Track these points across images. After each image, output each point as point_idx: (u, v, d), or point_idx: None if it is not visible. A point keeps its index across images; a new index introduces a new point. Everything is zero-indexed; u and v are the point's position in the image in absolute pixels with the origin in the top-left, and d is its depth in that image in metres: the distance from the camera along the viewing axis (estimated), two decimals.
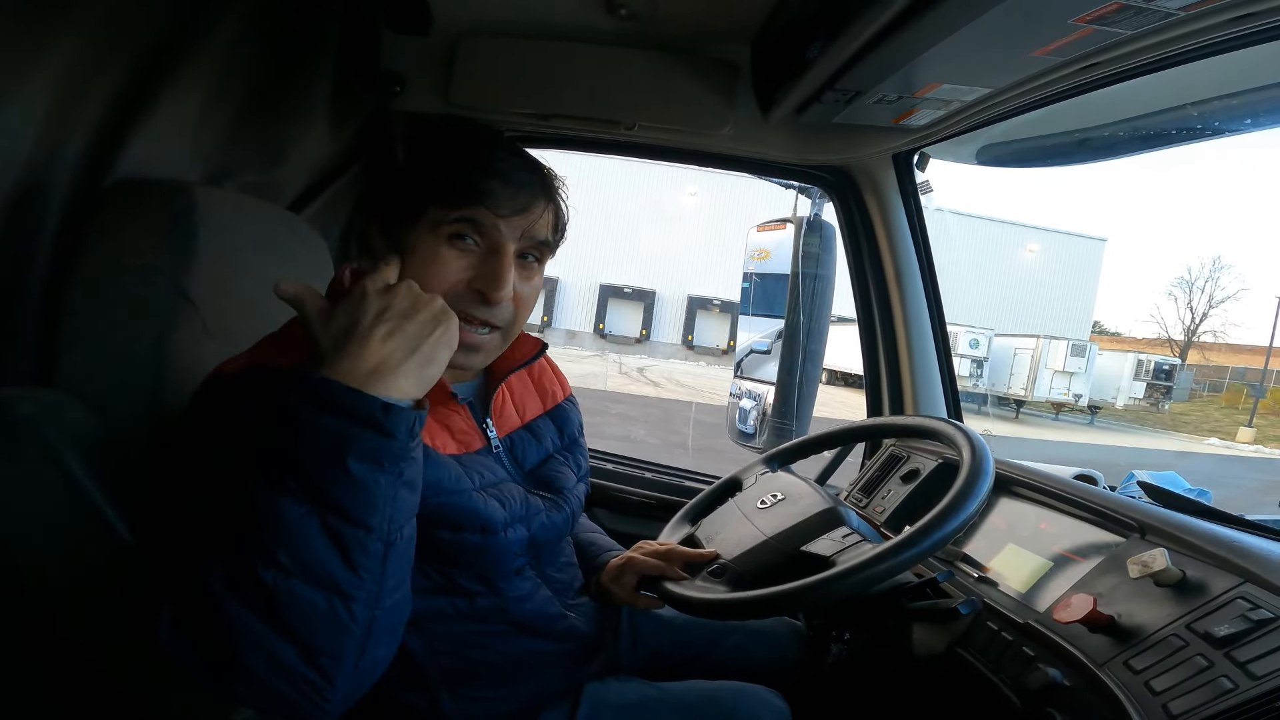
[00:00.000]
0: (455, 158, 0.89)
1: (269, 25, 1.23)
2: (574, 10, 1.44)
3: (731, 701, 1.06)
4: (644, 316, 27.59)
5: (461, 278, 0.87)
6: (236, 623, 0.64)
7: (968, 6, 0.90)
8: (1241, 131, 1.32)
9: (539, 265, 0.94)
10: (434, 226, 0.86)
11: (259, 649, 0.64)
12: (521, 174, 0.89)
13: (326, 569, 0.66)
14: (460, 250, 0.87)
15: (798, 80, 1.29)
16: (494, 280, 0.86)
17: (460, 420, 0.96)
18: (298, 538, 0.65)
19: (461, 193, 0.86)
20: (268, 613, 0.64)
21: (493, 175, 0.87)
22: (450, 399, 0.95)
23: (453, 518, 0.87)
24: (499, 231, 0.87)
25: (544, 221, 0.91)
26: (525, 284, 0.92)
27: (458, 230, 0.86)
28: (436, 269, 0.86)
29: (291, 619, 0.65)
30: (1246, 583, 0.82)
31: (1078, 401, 21.02)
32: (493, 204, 0.86)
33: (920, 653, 1.09)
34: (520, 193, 0.88)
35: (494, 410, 1.03)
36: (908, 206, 1.74)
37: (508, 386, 1.07)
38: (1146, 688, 0.78)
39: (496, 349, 0.93)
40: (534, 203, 0.89)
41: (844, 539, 1.01)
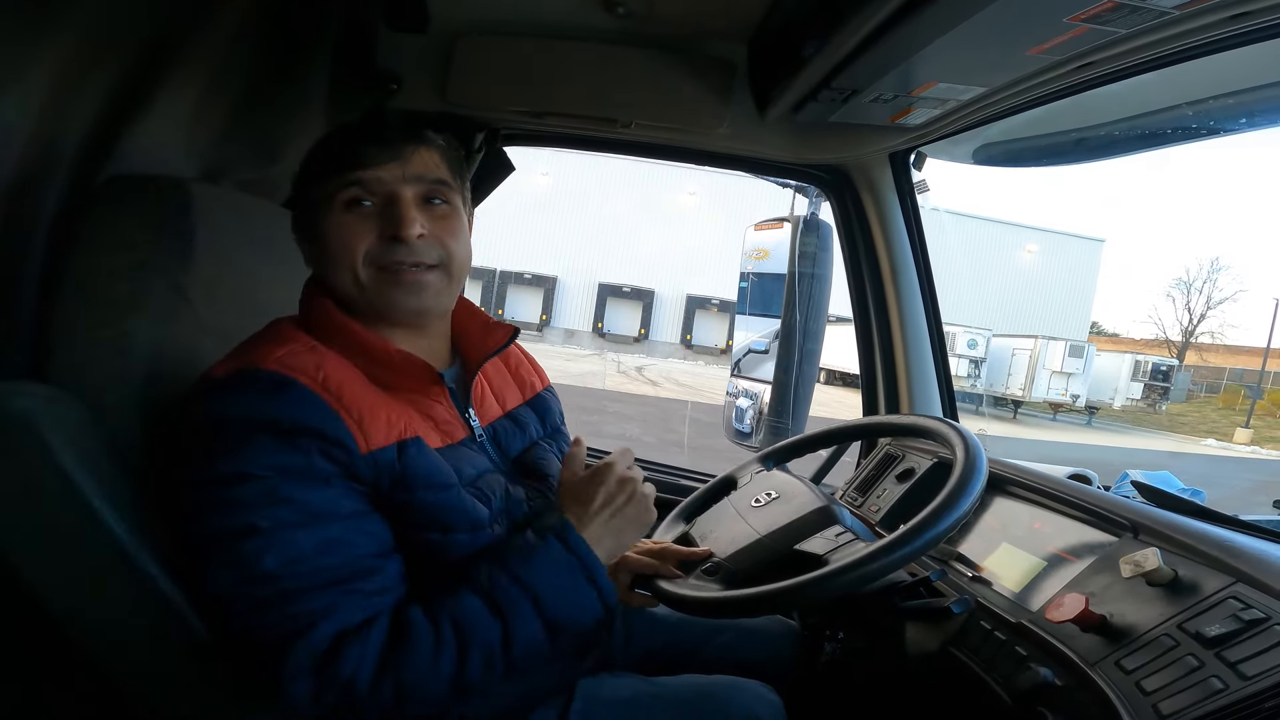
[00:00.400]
0: (328, 138, 0.95)
1: (266, 22, 1.23)
2: (571, 9, 1.44)
3: (725, 696, 1.06)
4: (643, 316, 27.58)
5: (372, 235, 0.90)
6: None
7: (963, 5, 0.90)
8: (1237, 131, 1.32)
9: (449, 208, 0.96)
10: (327, 203, 0.91)
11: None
12: (384, 129, 0.93)
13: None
14: (359, 213, 0.91)
15: (794, 79, 1.29)
16: (396, 221, 0.90)
17: (443, 410, 0.96)
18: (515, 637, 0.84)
19: (334, 161, 0.91)
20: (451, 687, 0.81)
21: (357, 139, 0.92)
22: (436, 381, 0.95)
23: (442, 517, 0.88)
24: (384, 182, 0.91)
25: (423, 161, 0.93)
26: (441, 226, 0.94)
27: (347, 197, 0.90)
28: (344, 237, 0.90)
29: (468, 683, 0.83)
30: (1238, 583, 0.82)
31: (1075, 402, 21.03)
32: (365, 160, 0.90)
33: (914, 652, 1.09)
34: (387, 143, 0.91)
35: (474, 400, 1.03)
36: (904, 205, 1.75)
37: (485, 377, 1.07)
38: (1137, 688, 0.78)
39: (443, 288, 0.95)
40: (404, 147, 0.92)
41: (837, 538, 1.01)
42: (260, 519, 0.77)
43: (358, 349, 0.91)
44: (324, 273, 0.94)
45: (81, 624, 0.84)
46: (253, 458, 0.78)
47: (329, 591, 0.78)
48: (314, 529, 0.79)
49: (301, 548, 0.78)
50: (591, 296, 27.43)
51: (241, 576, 0.77)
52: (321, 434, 0.80)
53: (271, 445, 0.79)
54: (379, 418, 0.85)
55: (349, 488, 0.83)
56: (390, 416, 0.87)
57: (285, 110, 1.35)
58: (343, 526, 0.81)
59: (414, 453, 0.86)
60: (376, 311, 0.92)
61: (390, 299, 0.91)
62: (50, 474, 0.77)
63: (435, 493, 0.87)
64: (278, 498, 0.78)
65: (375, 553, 0.83)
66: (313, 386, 0.83)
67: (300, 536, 0.78)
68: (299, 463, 0.79)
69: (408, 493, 0.85)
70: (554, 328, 27.25)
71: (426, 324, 0.98)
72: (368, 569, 0.82)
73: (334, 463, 0.81)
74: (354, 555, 0.81)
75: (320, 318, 0.92)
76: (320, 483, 0.80)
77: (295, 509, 0.78)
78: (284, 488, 0.78)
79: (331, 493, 0.81)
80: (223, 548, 0.77)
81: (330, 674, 0.76)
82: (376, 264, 0.90)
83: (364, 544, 0.82)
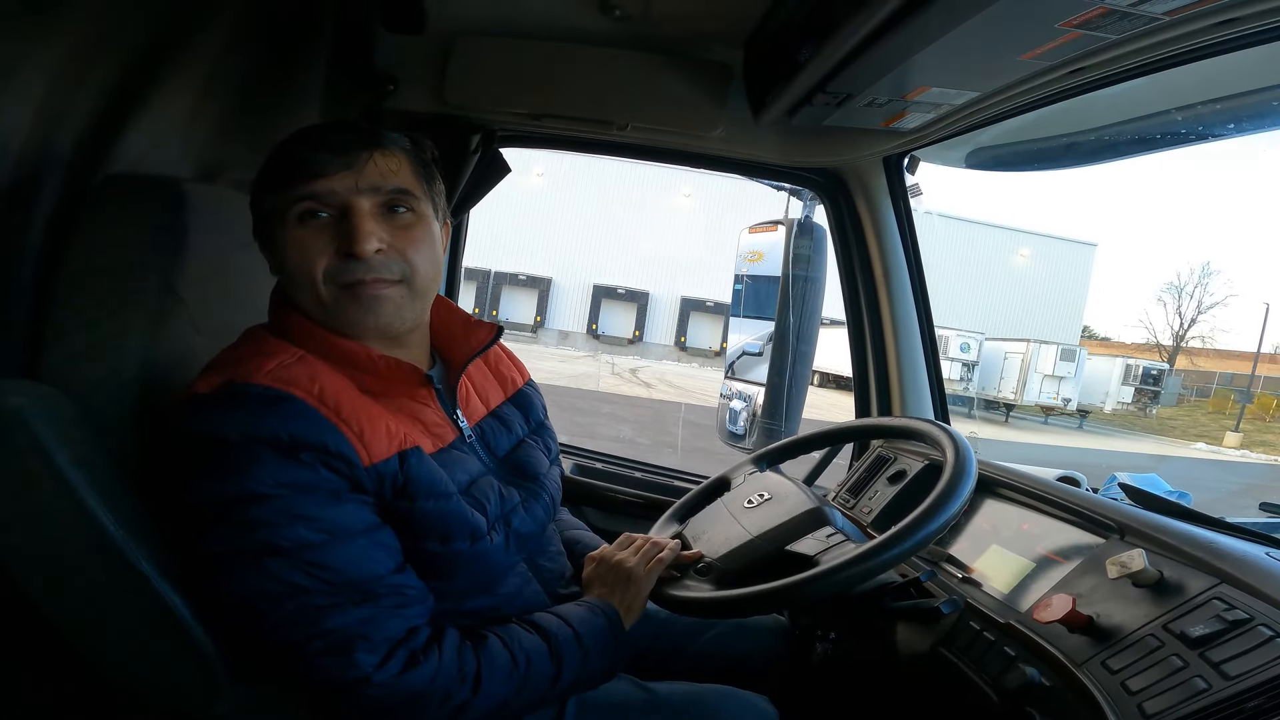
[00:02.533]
0: (279, 146, 0.91)
1: (263, 22, 1.23)
2: (568, 11, 1.45)
3: (717, 704, 1.07)
4: (637, 317, 27.56)
5: (329, 250, 0.87)
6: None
7: (955, 11, 0.91)
8: (1225, 136, 1.34)
9: (414, 216, 0.91)
10: (282, 216, 0.87)
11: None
12: (336, 136, 0.89)
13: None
14: (315, 227, 0.87)
15: (789, 82, 1.30)
16: (350, 237, 0.85)
17: (431, 413, 0.96)
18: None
19: (285, 171, 0.87)
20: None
21: (307, 147, 0.87)
22: (424, 383, 0.95)
23: (440, 526, 0.88)
24: (337, 194, 0.86)
25: (380, 167, 0.88)
26: (403, 237, 0.90)
27: (301, 210, 0.86)
28: (300, 253, 0.87)
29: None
30: (1222, 583, 0.83)
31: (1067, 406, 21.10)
32: (315, 170, 0.86)
33: (904, 652, 1.10)
34: (337, 150, 0.87)
35: (460, 401, 1.03)
36: (897, 209, 1.76)
37: (468, 376, 1.06)
38: (1123, 687, 0.79)
39: (405, 304, 0.91)
40: (358, 155, 0.87)
41: (828, 539, 1.01)
42: (281, 539, 0.77)
43: (340, 358, 0.90)
44: (286, 286, 0.92)
45: (74, 622, 0.84)
46: (260, 476, 0.78)
47: (364, 606, 0.80)
48: (337, 546, 0.79)
49: (329, 564, 0.79)
50: (586, 298, 27.40)
51: (270, 592, 0.78)
52: (323, 448, 0.80)
53: (275, 462, 0.78)
54: (379, 429, 0.85)
55: (359, 501, 0.83)
56: (389, 427, 0.86)
57: (281, 110, 1.36)
58: (364, 541, 0.82)
59: (415, 463, 0.86)
60: (342, 327, 0.90)
61: (349, 316, 0.88)
62: (44, 471, 0.76)
63: (436, 502, 0.87)
64: (295, 515, 0.78)
65: (395, 566, 0.84)
66: (309, 400, 0.82)
67: (325, 555, 0.79)
68: (307, 477, 0.79)
69: (409, 502, 0.85)
70: (548, 329, 27.21)
71: (397, 336, 0.95)
72: (396, 584, 0.83)
73: (339, 475, 0.81)
74: (380, 570, 0.82)
75: (296, 328, 0.91)
76: (332, 498, 0.80)
77: (314, 526, 0.79)
78: (298, 505, 0.78)
79: (346, 508, 0.81)
80: (246, 566, 0.78)
81: (405, 679, 0.81)
82: (336, 281, 0.87)
83: (384, 558, 0.83)
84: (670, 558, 1.10)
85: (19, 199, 0.95)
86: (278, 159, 0.89)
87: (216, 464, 0.78)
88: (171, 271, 0.94)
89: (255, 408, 0.80)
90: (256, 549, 0.78)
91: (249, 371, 0.83)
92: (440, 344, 1.06)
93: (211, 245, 1.01)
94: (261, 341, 0.89)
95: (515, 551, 0.98)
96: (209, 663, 0.83)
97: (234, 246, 1.08)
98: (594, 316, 27.45)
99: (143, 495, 0.85)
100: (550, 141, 1.85)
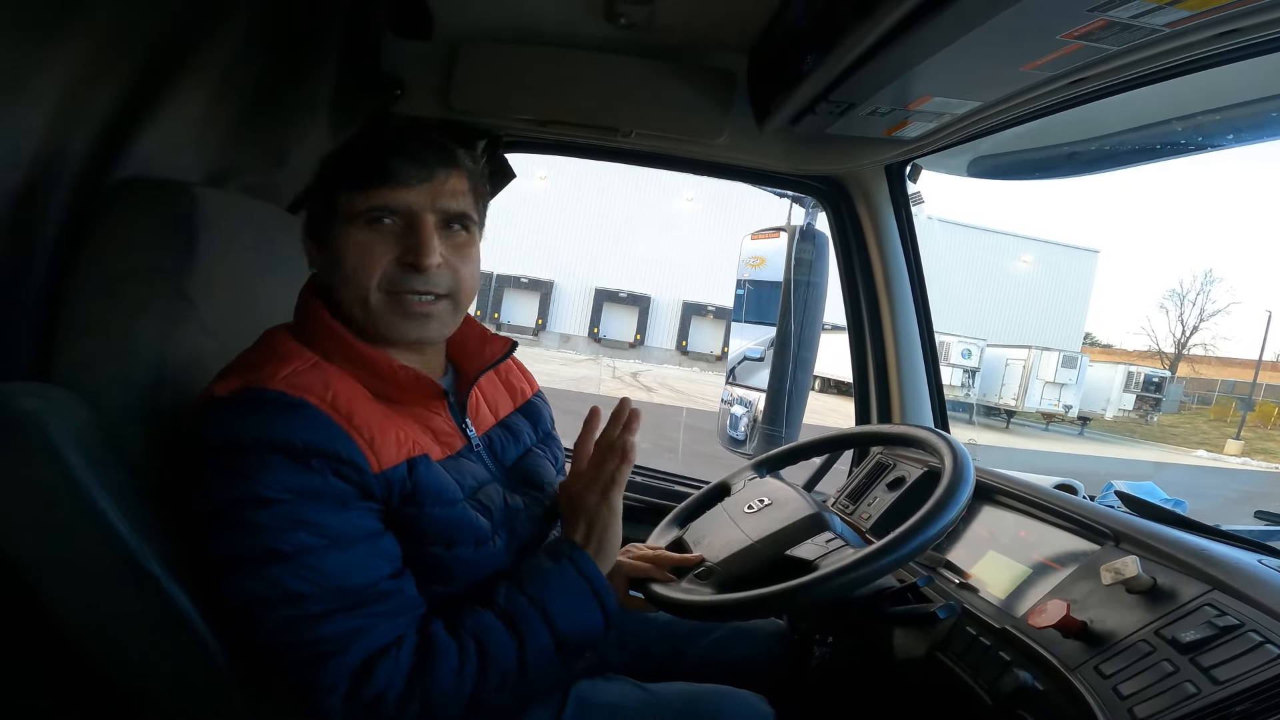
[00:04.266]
0: (359, 145, 0.93)
1: (273, 28, 1.24)
2: (574, 18, 1.46)
3: (714, 704, 1.08)
4: (639, 321, 27.53)
5: (389, 256, 0.89)
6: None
7: (959, 22, 0.92)
8: (1225, 146, 1.35)
9: (468, 236, 0.95)
10: (350, 215, 0.89)
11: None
12: (418, 147, 0.91)
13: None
14: (380, 232, 0.89)
15: (793, 91, 1.31)
16: (417, 248, 0.88)
17: (441, 421, 0.97)
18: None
19: (364, 174, 0.89)
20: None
21: (390, 153, 0.89)
22: (440, 395, 0.96)
23: (447, 532, 0.89)
24: (410, 204, 0.89)
25: (452, 188, 0.92)
26: (457, 254, 0.93)
27: (372, 213, 0.89)
28: (362, 254, 0.89)
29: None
30: (1214, 590, 0.85)
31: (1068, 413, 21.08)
32: (396, 179, 0.88)
33: (901, 656, 1.11)
34: (421, 164, 0.90)
35: (470, 410, 1.04)
36: (899, 217, 1.77)
37: (478, 386, 1.08)
38: (1114, 692, 0.80)
39: (448, 318, 0.95)
40: (437, 171, 0.90)
41: (827, 544, 1.03)
42: (283, 543, 0.78)
43: (361, 364, 0.91)
44: (332, 283, 0.93)
45: (84, 624, 0.85)
46: (268, 480, 0.79)
47: (355, 614, 0.80)
48: (336, 552, 0.80)
49: (325, 570, 0.80)
50: (588, 301, 27.39)
51: (266, 597, 0.79)
52: (335, 455, 0.81)
53: (286, 467, 0.79)
54: (389, 436, 0.86)
55: (365, 508, 0.84)
56: (399, 434, 0.88)
57: (291, 115, 1.37)
58: (363, 548, 0.83)
59: (423, 470, 0.88)
60: (377, 333, 0.92)
61: (393, 324, 0.91)
62: (56, 474, 0.77)
63: (442, 508, 0.89)
64: (298, 521, 0.79)
65: (392, 573, 0.85)
66: (322, 407, 0.84)
67: (324, 560, 0.80)
68: (315, 484, 0.80)
69: (417, 508, 0.87)
70: (550, 332, 27.19)
71: (427, 346, 0.98)
72: (389, 590, 0.84)
73: (348, 483, 0.82)
74: (376, 577, 0.83)
75: (320, 331, 0.92)
76: (338, 505, 0.82)
77: (316, 532, 0.80)
78: (303, 511, 0.80)
79: (351, 515, 0.82)
80: (246, 569, 0.79)
81: (362, 692, 0.79)
82: (389, 289, 0.90)
83: (382, 565, 0.84)
84: (628, 467, 1.02)
85: (32, 202, 0.96)
86: (358, 158, 0.91)
87: (228, 467, 0.80)
88: (182, 275, 0.95)
89: (270, 413, 0.81)
90: (259, 553, 0.79)
91: (265, 377, 0.84)
92: (454, 354, 1.08)
93: (222, 249, 1.02)
94: (278, 344, 0.91)
95: (517, 556, 0.99)
96: (216, 666, 0.84)
97: (245, 250, 1.09)
98: (595, 320, 27.43)
99: (154, 498, 0.86)
100: (555, 147, 1.86)
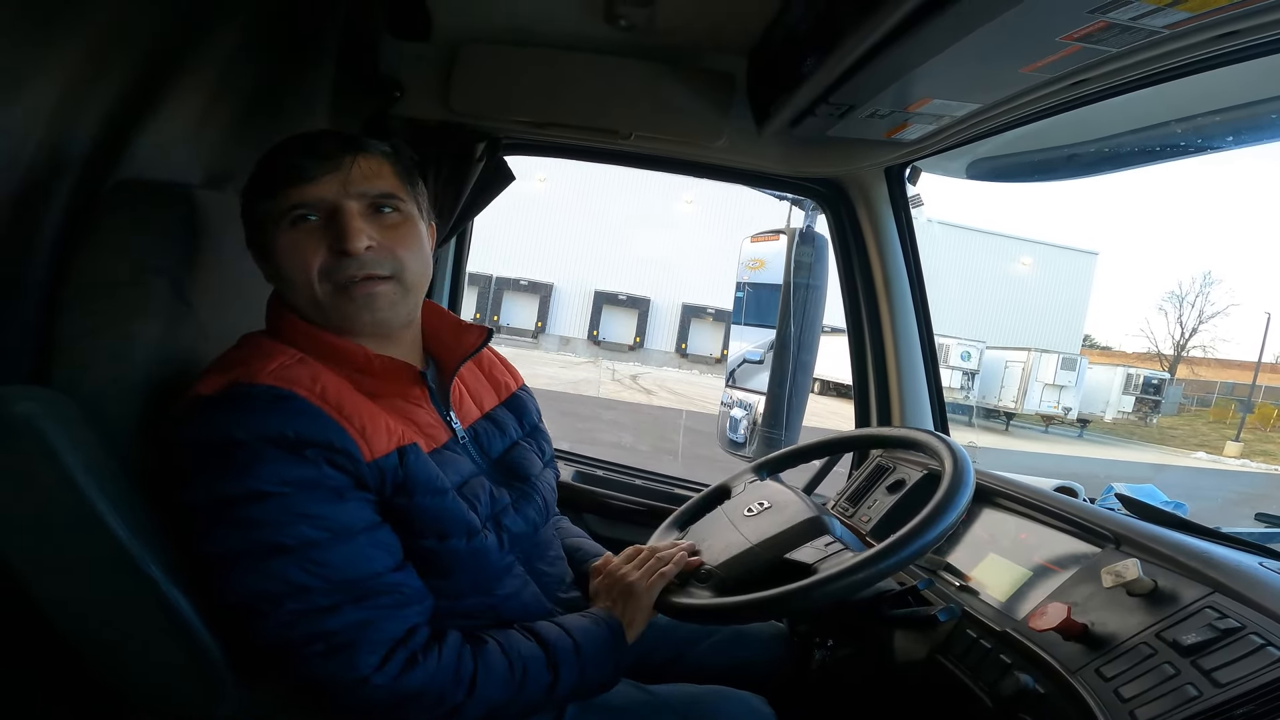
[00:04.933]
0: (267, 154, 0.94)
1: (272, 29, 1.24)
2: (574, 20, 1.46)
3: (715, 705, 1.08)
4: (638, 324, 27.54)
5: (320, 249, 0.90)
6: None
7: (958, 24, 0.92)
8: (1224, 148, 1.34)
9: (400, 216, 0.95)
10: (274, 221, 0.91)
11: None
12: (319, 142, 0.92)
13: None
14: (305, 229, 0.90)
15: (792, 93, 1.31)
16: (341, 235, 0.89)
17: (425, 414, 0.97)
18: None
19: (273, 178, 0.91)
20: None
21: (292, 154, 0.91)
22: (418, 380, 0.97)
23: (437, 523, 0.89)
24: (324, 196, 0.90)
25: (364, 171, 0.92)
26: (391, 235, 0.93)
27: (291, 213, 0.90)
28: (294, 254, 0.90)
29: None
30: (1215, 593, 0.84)
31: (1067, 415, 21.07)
32: (303, 174, 0.89)
33: (902, 659, 1.10)
34: (323, 156, 0.91)
35: (453, 403, 1.04)
36: (899, 220, 1.77)
37: (461, 380, 1.08)
38: (1115, 695, 0.80)
39: (398, 299, 0.94)
40: (342, 159, 0.91)
41: (827, 547, 1.02)
42: (285, 537, 0.79)
43: (339, 358, 0.92)
44: (282, 290, 0.95)
45: (81, 625, 0.85)
46: (265, 474, 0.79)
47: (363, 606, 0.81)
48: (339, 544, 0.81)
49: (329, 562, 0.80)
50: (587, 304, 27.39)
51: (271, 592, 0.79)
52: (329, 445, 0.82)
53: (281, 460, 0.80)
54: (379, 425, 0.87)
55: (361, 499, 0.84)
56: (388, 424, 0.88)
57: (289, 117, 1.37)
58: (365, 540, 0.83)
59: (413, 459, 0.88)
60: (338, 326, 0.93)
61: (345, 313, 0.91)
62: (53, 476, 0.77)
63: (433, 498, 0.89)
64: (297, 514, 0.79)
65: (394, 565, 0.86)
66: (311, 398, 0.84)
67: (328, 554, 0.80)
68: (311, 475, 0.81)
69: (408, 498, 0.87)
70: (549, 335, 27.20)
71: (391, 334, 0.98)
72: (395, 582, 0.85)
73: (343, 472, 0.82)
74: (379, 568, 0.83)
75: (294, 332, 0.93)
76: (335, 496, 0.82)
77: (317, 525, 0.80)
78: (301, 503, 0.80)
79: (349, 506, 0.83)
80: (241, 565, 0.79)
81: (377, 680, 0.81)
82: (330, 279, 0.90)
83: (384, 557, 0.85)
84: (674, 571, 1.09)
85: (30, 204, 0.95)
86: (265, 167, 0.93)
87: (222, 464, 0.80)
88: (180, 277, 0.95)
89: (261, 406, 0.82)
90: (260, 548, 0.79)
91: (252, 372, 0.84)
92: (432, 347, 1.08)
93: (220, 251, 1.02)
94: (259, 345, 0.91)
95: (509, 550, 0.99)
96: (213, 665, 0.84)
97: (242, 252, 1.08)
98: (595, 322, 27.44)
99: (151, 500, 0.86)
100: (554, 150, 1.86)
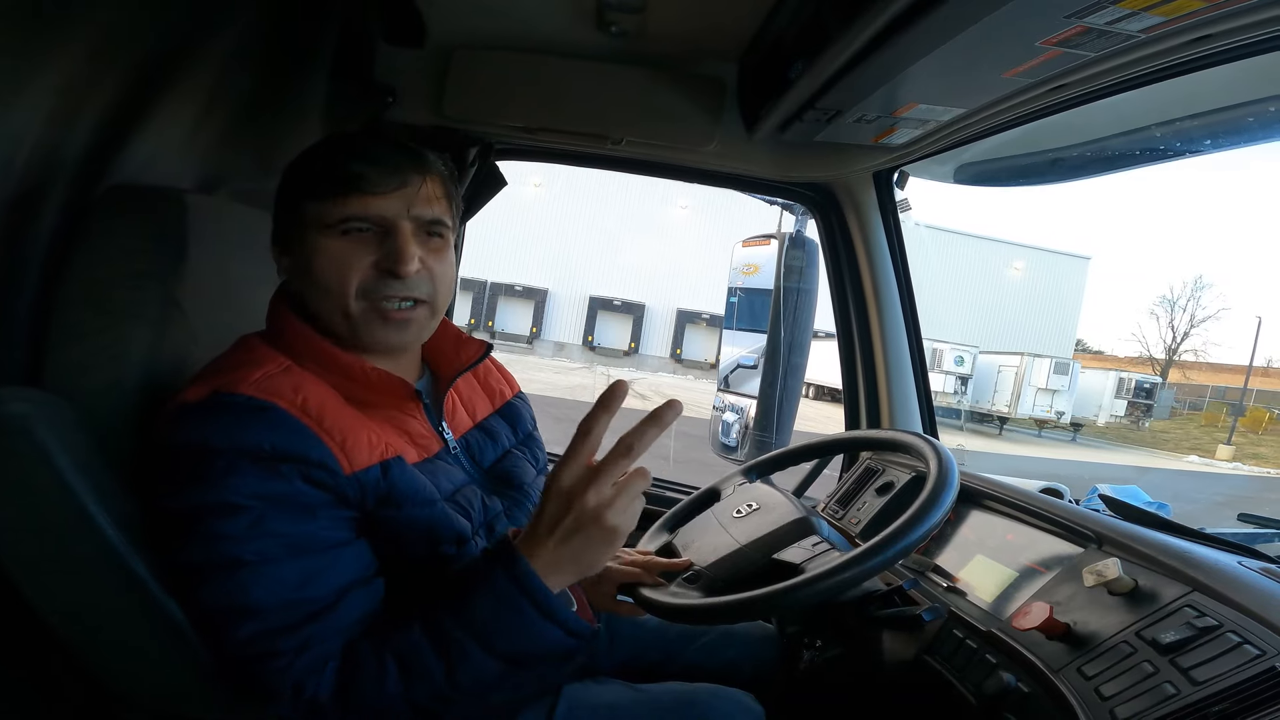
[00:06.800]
0: (325, 153, 0.91)
1: (266, 35, 1.25)
2: (566, 26, 1.47)
3: (706, 703, 1.08)
4: (633, 329, 27.58)
5: (366, 263, 0.88)
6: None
7: (939, 29, 0.94)
8: (1203, 152, 1.36)
9: (443, 241, 0.94)
10: (321, 224, 0.88)
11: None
12: (389, 153, 0.90)
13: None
14: (355, 241, 0.88)
15: (781, 98, 1.33)
16: (396, 255, 0.87)
17: (418, 424, 0.96)
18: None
19: (335, 183, 0.87)
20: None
21: (361, 160, 0.88)
22: (413, 397, 0.96)
23: (427, 534, 0.88)
24: (385, 212, 0.88)
25: (427, 194, 0.91)
26: (434, 258, 0.92)
27: (345, 223, 0.87)
28: (338, 264, 0.88)
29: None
30: (1194, 591, 0.86)
31: (1060, 419, 21.18)
32: (368, 186, 0.87)
33: (890, 659, 1.11)
34: (394, 170, 0.89)
35: (446, 413, 1.04)
36: (887, 224, 1.78)
37: (455, 389, 1.07)
38: (1096, 693, 0.81)
39: (427, 322, 0.94)
40: (411, 178, 0.89)
41: (814, 547, 1.03)
42: (246, 552, 0.78)
43: (332, 367, 0.90)
44: (305, 294, 0.92)
45: (73, 626, 0.85)
46: (237, 487, 0.78)
47: (305, 628, 0.79)
48: (296, 560, 0.80)
49: (285, 580, 0.79)
50: (582, 309, 27.41)
51: (227, 606, 0.78)
52: (304, 459, 0.80)
53: (254, 473, 0.79)
54: (360, 438, 0.85)
55: (335, 516, 0.83)
56: (371, 437, 0.87)
57: (283, 121, 1.38)
58: (323, 558, 0.82)
59: (397, 472, 0.87)
60: (356, 341, 0.91)
61: (375, 333, 0.90)
62: (46, 478, 0.77)
63: (420, 509, 0.88)
64: (264, 530, 0.78)
65: (347, 583, 0.83)
66: (292, 410, 0.83)
67: (284, 570, 0.79)
68: (283, 490, 0.80)
69: (395, 510, 0.86)
70: (544, 340, 27.20)
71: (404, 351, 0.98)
72: (340, 601, 0.82)
73: (319, 487, 0.81)
74: (331, 588, 0.81)
75: (291, 336, 0.92)
76: (305, 513, 0.81)
77: (279, 542, 0.79)
78: (269, 520, 0.79)
79: (316, 525, 0.81)
80: (210, 578, 0.78)
81: (305, 696, 0.79)
82: (368, 297, 0.89)
83: (338, 575, 0.82)
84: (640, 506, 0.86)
85: (23, 208, 0.96)
86: (327, 168, 0.89)
87: (196, 473, 0.79)
88: (173, 282, 0.95)
89: (237, 417, 0.81)
90: (221, 562, 0.78)
91: (234, 381, 0.83)
92: (430, 357, 1.07)
93: (213, 256, 1.02)
94: (250, 350, 0.90)
95: None
96: (203, 667, 0.84)
97: (235, 257, 1.09)
98: (590, 328, 27.46)
99: (142, 502, 0.86)
100: (547, 155, 1.87)
